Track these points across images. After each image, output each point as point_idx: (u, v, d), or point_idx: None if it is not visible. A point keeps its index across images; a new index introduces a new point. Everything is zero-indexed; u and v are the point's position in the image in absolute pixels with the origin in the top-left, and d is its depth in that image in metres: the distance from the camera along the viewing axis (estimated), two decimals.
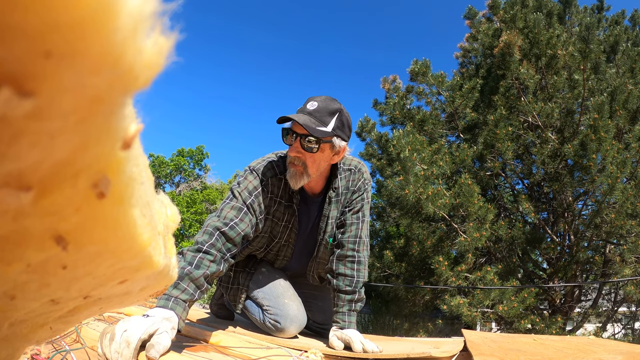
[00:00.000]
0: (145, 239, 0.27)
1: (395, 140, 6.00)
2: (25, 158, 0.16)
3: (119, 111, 0.18)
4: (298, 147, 1.65)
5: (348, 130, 1.72)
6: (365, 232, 1.90)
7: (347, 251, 1.84)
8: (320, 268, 2.03)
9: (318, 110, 1.63)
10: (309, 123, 1.58)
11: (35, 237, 0.21)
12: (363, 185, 1.90)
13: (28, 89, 0.14)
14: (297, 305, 1.91)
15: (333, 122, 1.65)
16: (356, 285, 1.82)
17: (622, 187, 5.49)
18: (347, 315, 1.78)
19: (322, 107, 1.64)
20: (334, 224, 1.91)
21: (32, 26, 0.13)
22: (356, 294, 1.82)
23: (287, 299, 1.90)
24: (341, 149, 1.72)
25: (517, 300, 5.63)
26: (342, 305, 1.80)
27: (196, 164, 25.01)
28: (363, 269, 1.85)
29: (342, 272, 1.83)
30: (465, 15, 8.65)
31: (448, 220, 6.39)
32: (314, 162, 1.68)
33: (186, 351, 1.54)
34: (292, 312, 1.86)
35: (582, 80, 6.22)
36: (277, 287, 1.95)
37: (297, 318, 1.86)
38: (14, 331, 0.33)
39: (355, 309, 1.81)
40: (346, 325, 1.75)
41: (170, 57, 0.19)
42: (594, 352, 1.42)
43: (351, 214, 1.88)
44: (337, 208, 1.89)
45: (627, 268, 5.60)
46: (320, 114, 1.63)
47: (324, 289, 2.18)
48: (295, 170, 1.68)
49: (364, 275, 1.85)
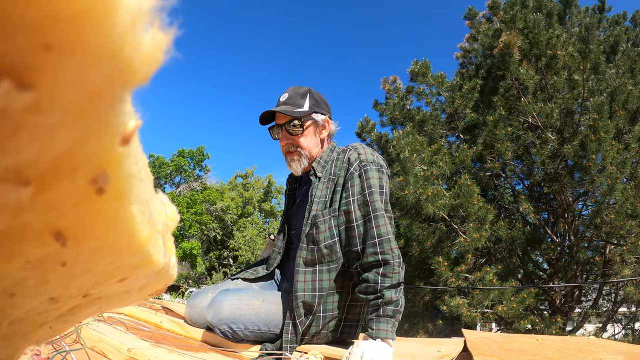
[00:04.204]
0: (144, 236, 0.27)
1: (395, 140, 6.01)
2: (24, 152, 0.16)
3: (118, 106, 0.18)
4: (286, 135, 1.78)
5: (324, 105, 1.84)
6: (388, 229, 1.62)
7: (369, 257, 1.59)
8: (306, 255, 1.73)
9: (290, 98, 1.78)
10: (287, 109, 1.74)
11: (34, 233, 0.21)
12: (357, 161, 1.70)
13: (28, 81, 0.14)
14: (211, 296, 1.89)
15: (307, 102, 1.79)
16: (381, 288, 1.55)
17: (622, 188, 5.49)
18: (374, 322, 1.51)
19: (292, 94, 1.80)
20: (320, 202, 1.73)
21: (33, 18, 0.13)
22: (381, 298, 1.54)
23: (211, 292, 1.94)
24: (325, 121, 1.82)
25: (517, 301, 5.63)
26: (369, 311, 1.57)
27: (196, 164, 25.02)
28: (391, 272, 1.56)
29: (365, 277, 1.59)
30: (465, 16, 8.66)
31: (448, 220, 6.39)
32: (305, 142, 1.79)
33: (186, 351, 1.54)
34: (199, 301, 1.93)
35: (582, 81, 6.22)
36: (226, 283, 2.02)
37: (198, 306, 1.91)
38: (14, 330, 0.33)
39: (387, 314, 1.51)
40: (373, 333, 1.48)
41: (169, 53, 0.19)
42: (594, 353, 1.42)
43: (354, 201, 1.67)
44: (326, 187, 1.74)
45: (627, 268, 5.60)
46: (293, 100, 1.78)
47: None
48: (292, 157, 1.81)
49: (394, 277, 1.56)
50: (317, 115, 1.79)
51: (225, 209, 22.31)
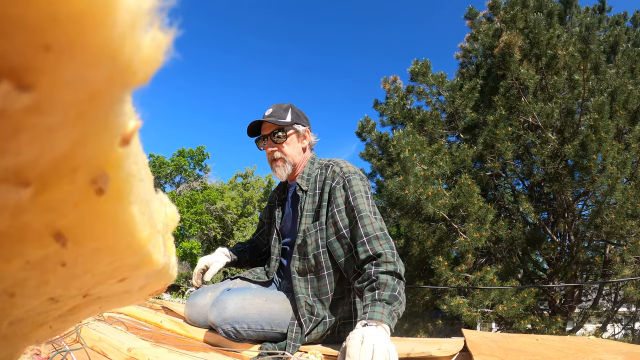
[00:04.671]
0: (144, 236, 0.27)
1: (395, 140, 6.01)
2: (24, 153, 0.16)
3: (118, 107, 0.18)
4: (271, 144, 1.96)
5: (304, 118, 2.02)
6: (375, 227, 1.64)
7: (361, 255, 1.60)
8: (299, 265, 1.81)
9: (274, 112, 1.96)
10: (272, 119, 1.91)
11: (35, 234, 0.21)
12: (340, 175, 1.80)
13: (27, 82, 0.14)
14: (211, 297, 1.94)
15: (289, 115, 1.96)
16: (374, 272, 1.52)
17: (622, 188, 5.49)
18: (369, 306, 1.42)
19: (276, 109, 1.97)
20: (308, 216, 1.83)
21: (33, 19, 0.13)
22: (375, 281, 1.49)
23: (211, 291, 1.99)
24: (306, 131, 2.00)
25: (517, 301, 5.63)
26: (364, 298, 1.49)
27: (197, 164, 24.98)
28: (384, 261, 1.53)
29: (362, 272, 1.58)
30: (465, 16, 8.66)
31: (448, 220, 6.39)
32: (289, 149, 1.95)
33: (186, 351, 1.54)
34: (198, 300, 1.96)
35: (582, 81, 6.22)
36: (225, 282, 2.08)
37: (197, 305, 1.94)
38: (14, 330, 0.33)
39: (382, 299, 1.43)
40: (367, 316, 1.39)
41: (169, 53, 0.19)
42: (594, 352, 1.42)
43: (339, 211, 1.73)
44: (312, 200, 1.86)
45: (627, 268, 5.60)
46: (277, 113, 1.95)
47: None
48: (277, 163, 1.96)
49: (389, 265, 1.53)
50: (299, 126, 1.97)
51: (225, 209, 22.29)
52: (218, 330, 1.72)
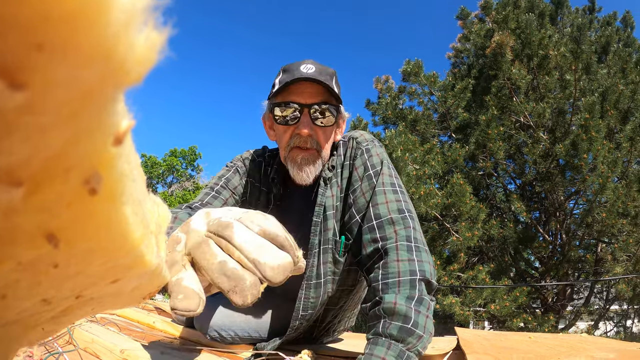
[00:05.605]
0: (137, 236, 0.27)
1: (387, 140, 6.02)
2: (16, 153, 0.16)
3: (111, 106, 0.18)
4: (309, 123, 1.22)
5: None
6: (390, 208, 1.17)
7: (367, 247, 1.16)
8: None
9: (320, 74, 1.20)
10: (326, 84, 1.18)
11: (26, 235, 0.21)
12: (359, 149, 1.31)
13: (20, 81, 0.14)
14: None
15: (337, 87, 1.26)
16: (381, 289, 1.07)
17: (613, 187, 5.54)
18: (369, 345, 1.02)
19: (321, 69, 1.22)
20: (336, 218, 1.29)
21: (25, 18, 0.13)
22: (379, 304, 1.05)
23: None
24: (345, 118, 1.36)
25: (509, 299, 5.67)
26: (367, 327, 1.10)
27: (189, 164, 24.88)
28: (394, 262, 1.08)
29: (367, 277, 1.17)
30: (457, 16, 8.69)
31: (440, 219, 6.41)
32: (326, 140, 1.27)
33: (179, 352, 1.53)
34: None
35: (574, 81, 6.27)
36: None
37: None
38: (6, 332, 0.33)
39: (388, 334, 1.00)
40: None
41: (163, 52, 0.19)
42: (586, 350, 1.43)
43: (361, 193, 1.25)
44: (337, 194, 1.31)
45: (619, 266, 5.65)
46: (323, 77, 1.20)
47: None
48: (306, 156, 1.25)
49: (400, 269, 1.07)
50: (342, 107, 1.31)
51: None
52: (205, 335, 1.58)
